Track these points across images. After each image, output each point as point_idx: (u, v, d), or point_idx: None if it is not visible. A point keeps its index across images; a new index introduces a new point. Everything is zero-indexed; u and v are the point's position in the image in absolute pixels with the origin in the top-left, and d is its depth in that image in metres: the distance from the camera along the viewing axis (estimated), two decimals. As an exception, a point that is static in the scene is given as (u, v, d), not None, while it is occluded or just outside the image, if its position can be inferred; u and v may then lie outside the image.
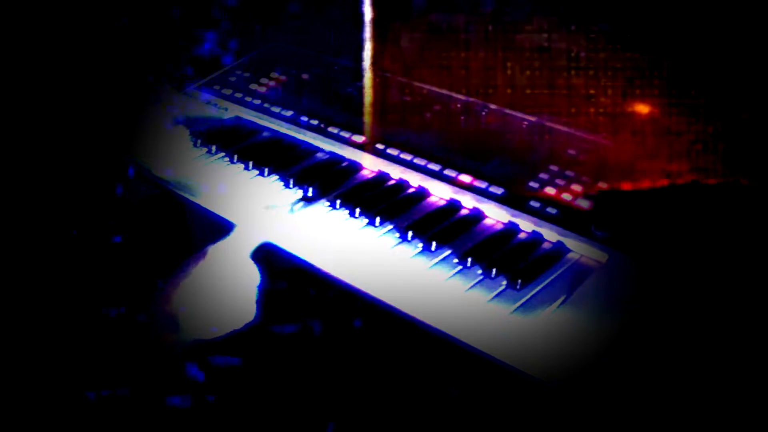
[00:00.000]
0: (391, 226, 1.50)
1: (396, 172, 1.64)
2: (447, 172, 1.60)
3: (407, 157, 1.65)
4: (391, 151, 1.68)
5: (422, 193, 1.60)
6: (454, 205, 1.56)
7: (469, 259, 1.39)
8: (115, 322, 1.61)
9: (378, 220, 1.50)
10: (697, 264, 1.31)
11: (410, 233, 1.46)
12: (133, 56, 2.00)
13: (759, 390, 1.16)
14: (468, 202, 1.55)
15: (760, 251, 1.32)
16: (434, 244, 1.43)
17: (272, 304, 1.57)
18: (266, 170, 1.67)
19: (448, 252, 1.43)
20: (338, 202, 1.56)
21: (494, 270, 1.36)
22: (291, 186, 1.63)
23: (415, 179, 1.62)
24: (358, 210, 1.53)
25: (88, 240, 1.83)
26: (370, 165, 1.68)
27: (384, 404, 1.66)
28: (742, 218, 1.38)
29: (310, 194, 1.60)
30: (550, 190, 1.52)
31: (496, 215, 1.52)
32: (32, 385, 1.50)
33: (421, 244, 1.44)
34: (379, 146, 1.69)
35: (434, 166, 1.62)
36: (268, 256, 1.46)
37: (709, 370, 1.18)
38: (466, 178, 1.58)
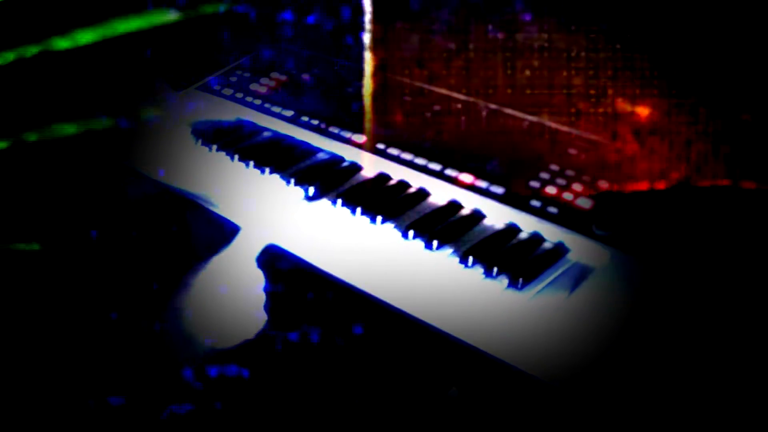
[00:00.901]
0: (392, 226, 1.50)
1: (397, 172, 1.65)
2: (448, 171, 1.60)
3: (408, 156, 1.65)
4: (392, 151, 1.68)
5: (423, 193, 1.60)
6: (455, 205, 1.56)
7: (471, 258, 1.40)
8: (115, 326, 1.61)
9: (379, 219, 1.51)
10: (698, 263, 1.31)
11: (411, 232, 1.46)
12: (134, 57, 2.00)
13: (759, 390, 1.16)
14: (469, 201, 1.55)
15: (760, 251, 1.32)
16: (435, 243, 1.44)
17: (273, 308, 1.57)
18: (267, 170, 1.67)
19: (450, 251, 1.43)
20: (339, 201, 1.56)
21: (495, 269, 1.37)
22: (292, 186, 1.63)
23: (416, 179, 1.62)
24: (359, 210, 1.53)
25: (88, 241, 1.83)
26: (371, 165, 1.68)
27: (384, 403, 1.66)
28: (742, 217, 1.39)
29: (311, 194, 1.60)
30: (550, 190, 1.52)
31: (497, 214, 1.52)
32: (32, 390, 1.50)
33: (422, 244, 1.45)
34: (380, 146, 1.70)
35: (435, 166, 1.62)
36: (270, 258, 1.46)
37: (710, 370, 1.18)
38: (467, 178, 1.58)
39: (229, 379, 1.60)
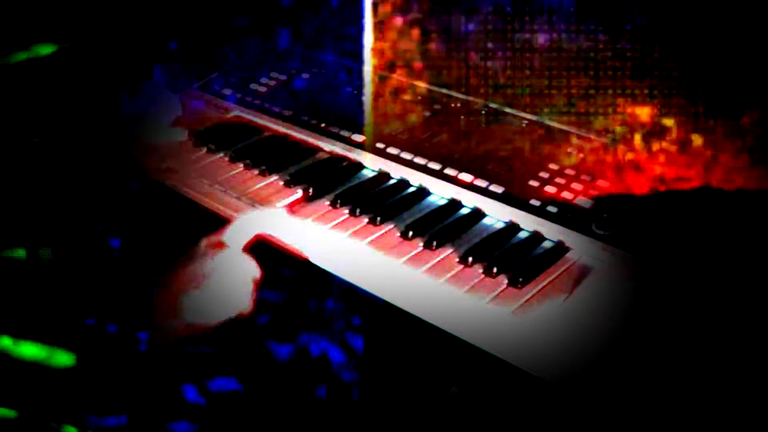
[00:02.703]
0: (391, 225, 1.50)
1: (396, 171, 1.65)
2: (447, 170, 1.60)
3: (408, 156, 1.65)
4: (391, 150, 1.68)
5: (423, 192, 1.60)
6: (454, 204, 1.56)
7: (470, 258, 1.39)
8: (112, 337, 1.60)
9: (378, 219, 1.50)
10: (698, 262, 1.31)
11: (411, 232, 1.46)
12: (133, 56, 2.00)
13: (759, 390, 1.16)
14: (468, 200, 1.55)
15: (761, 250, 1.32)
16: (435, 242, 1.43)
17: (272, 309, 1.56)
18: (266, 169, 1.67)
19: (449, 251, 1.43)
20: (339, 201, 1.56)
21: (495, 269, 1.36)
22: (291, 185, 1.62)
23: (415, 178, 1.62)
24: (358, 209, 1.53)
25: (86, 241, 1.83)
26: (371, 164, 1.68)
27: (384, 403, 1.66)
28: (742, 217, 1.39)
29: (310, 193, 1.60)
30: (550, 189, 1.52)
31: (496, 214, 1.52)
32: (26, 406, 1.48)
33: (421, 243, 1.44)
34: (380, 145, 1.70)
35: (435, 165, 1.62)
36: (269, 257, 1.46)
37: (710, 369, 1.18)
38: (466, 177, 1.58)
39: (224, 399, 1.59)
